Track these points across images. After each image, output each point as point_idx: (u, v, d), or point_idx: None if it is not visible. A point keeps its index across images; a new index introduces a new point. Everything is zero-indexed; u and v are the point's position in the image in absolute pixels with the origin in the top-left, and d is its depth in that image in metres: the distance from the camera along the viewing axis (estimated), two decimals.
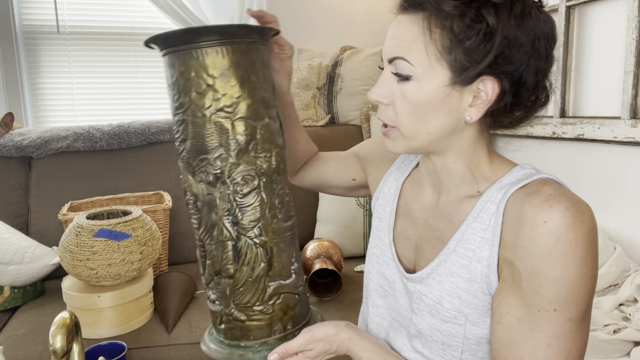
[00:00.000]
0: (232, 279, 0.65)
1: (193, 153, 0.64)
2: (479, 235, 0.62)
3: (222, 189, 0.64)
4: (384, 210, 0.78)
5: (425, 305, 0.66)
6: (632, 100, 1.40)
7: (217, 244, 0.65)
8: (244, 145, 0.63)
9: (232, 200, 0.64)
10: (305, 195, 2.00)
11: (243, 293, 0.65)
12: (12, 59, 2.16)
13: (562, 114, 1.65)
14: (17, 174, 1.84)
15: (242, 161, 0.63)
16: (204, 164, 0.64)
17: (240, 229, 0.64)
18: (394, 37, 0.61)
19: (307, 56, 2.42)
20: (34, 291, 1.59)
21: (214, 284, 0.67)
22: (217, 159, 0.63)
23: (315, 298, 1.54)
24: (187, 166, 0.66)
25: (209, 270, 0.67)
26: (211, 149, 0.63)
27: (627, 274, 1.36)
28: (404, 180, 0.77)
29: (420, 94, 0.60)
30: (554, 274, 0.54)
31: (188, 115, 0.63)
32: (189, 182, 0.66)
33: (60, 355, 0.78)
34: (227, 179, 0.63)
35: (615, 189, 1.51)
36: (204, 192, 0.64)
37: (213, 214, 0.64)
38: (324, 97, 2.32)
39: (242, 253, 0.64)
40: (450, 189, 0.68)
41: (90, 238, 1.31)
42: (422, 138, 0.63)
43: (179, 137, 0.66)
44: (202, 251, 0.68)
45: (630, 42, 1.39)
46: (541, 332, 0.55)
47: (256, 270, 0.64)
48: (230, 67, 0.62)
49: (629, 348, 1.14)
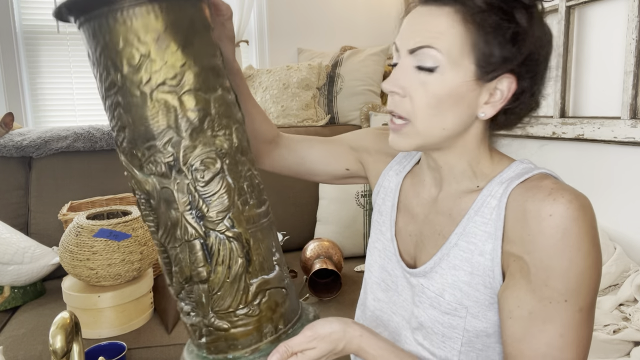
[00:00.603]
0: (206, 283, 0.56)
1: (136, 142, 0.54)
2: (481, 229, 0.62)
3: (179, 179, 0.54)
4: (385, 204, 0.78)
5: (427, 298, 0.66)
6: (632, 100, 1.40)
7: (183, 245, 0.55)
8: (197, 123, 0.54)
9: (193, 191, 0.54)
10: (305, 195, 2.00)
11: (222, 297, 0.56)
12: (12, 59, 2.16)
13: (562, 114, 1.65)
14: (17, 174, 1.84)
15: (199, 142, 0.54)
16: (151, 152, 0.54)
17: (208, 223, 0.55)
18: (419, 27, 0.60)
19: (307, 56, 2.42)
20: (34, 291, 1.59)
21: (186, 293, 0.58)
22: (168, 144, 0.53)
23: (315, 298, 1.54)
24: (132, 159, 0.55)
25: (177, 278, 0.57)
26: (158, 134, 0.53)
27: (627, 274, 1.36)
28: (405, 175, 0.77)
29: (442, 86, 0.59)
30: (563, 266, 0.55)
31: (123, 96, 0.53)
32: (137, 177, 0.56)
33: (60, 355, 0.78)
34: (183, 167, 0.54)
35: (615, 189, 1.51)
36: (157, 186, 0.55)
37: (172, 210, 0.55)
38: (324, 97, 2.32)
39: (213, 251, 0.55)
40: (450, 184, 0.68)
41: (90, 238, 1.31)
42: (436, 134, 0.62)
43: (115, 125, 0.55)
44: (166, 257, 0.58)
45: (630, 42, 1.39)
46: (554, 323, 0.56)
47: (233, 269, 0.56)
48: (167, 29, 0.52)
49: (629, 348, 1.14)
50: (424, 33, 0.59)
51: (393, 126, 0.64)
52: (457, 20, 0.58)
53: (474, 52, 0.58)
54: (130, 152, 0.55)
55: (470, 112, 0.62)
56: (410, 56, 0.60)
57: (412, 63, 0.60)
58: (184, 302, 0.59)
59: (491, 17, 0.57)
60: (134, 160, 0.55)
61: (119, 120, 0.55)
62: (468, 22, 0.57)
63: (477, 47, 0.58)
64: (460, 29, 0.58)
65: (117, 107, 0.54)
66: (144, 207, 0.57)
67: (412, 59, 0.60)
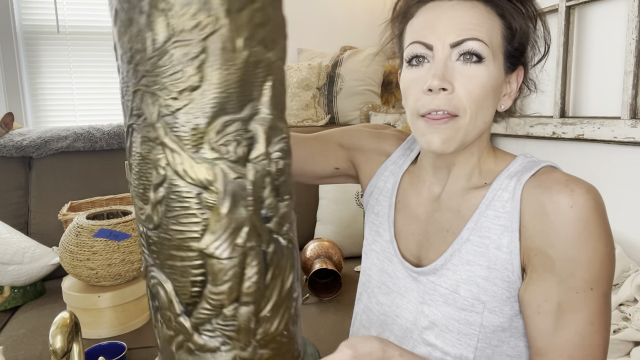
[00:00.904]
0: (255, 303, 0.44)
1: (209, 111, 0.41)
2: (495, 222, 0.62)
3: (260, 167, 0.42)
4: (381, 205, 0.76)
5: (440, 295, 0.65)
6: (632, 100, 1.40)
7: (243, 255, 0.43)
8: (281, 97, 0.44)
9: (268, 183, 0.43)
10: (305, 195, 2.00)
11: (270, 319, 0.45)
12: (12, 59, 2.16)
13: (562, 114, 1.65)
14: (17, 174, 1.84)
15: (280, 121, 0.43)
16: (229, 129, 0.41)
17: (275, 225, 0.44)
18: (456, 20, 0.59)
19: (307, 56, 2.42)
20: (34, 291, 1.59)
21: (223, 321, 0.44)
22: (250, 121, 0.41)
23: (315, 298, 1.54)
24: (191, 132, 0.41)
25: (219, 301, 0.43)
26: (240, 106, 0.41)
27: (627, 274, 1.36)
28: (402, 175, 0.76)
29: (489, 78, 0.59)
30: (588, 255, 0.56)
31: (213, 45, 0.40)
32: (186, 162, 0.41)
33: (60, 355, 0.78)
34: (267, 149, 0.43)
35: (615, 189, 1.51)
36: (227, 175, 0.41)
37: (241, 209, 0.42)
38: (324, 97, 2.32)
39: (273, 262, 0.45)
40: (456, 182, 0.68)
41: (90, 238, 1.31)
42: (479, 129, 0.62)
43: (179, 82, 0.40)
44: (199, 274, 0.43)
45: (630, 42, 1.38)
46: (582, 311, 0.57)
47: (287, 282, 0.46)
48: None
49: (629, 348, 1.14)
50: (465, 25, 0.58)
51: (435, 124, 0.60)
52: (487, 11, 0.59)
53: (503, 42, 0.60)
54: (193, 125, 0.41)
55: (497, 104, 0.63)
56: (453, 50, 0.59)
57: (455, 57, 0.59)
58: (206, 335, 0.44)
59: (511, 5, 0.60)
60: (193, 137, 0.41)
61: (187, 81, 0.40)
62: (494, 13, 0.60)
63: (506, 38, 0.60)
64: (493, 20, 0.59)
65: (194, 59, 0.39)
66: (186, 204, 0.42)
67: (455, 53, 0.59)
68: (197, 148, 0.41)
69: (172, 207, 0.43)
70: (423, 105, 0.60)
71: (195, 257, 0.43)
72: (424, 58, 0.61)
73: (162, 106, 0.41)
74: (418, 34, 0.61)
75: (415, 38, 0.61)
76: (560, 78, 1.63)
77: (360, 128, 0.84)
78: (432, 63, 0.60)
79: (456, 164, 0.67)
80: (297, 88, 2.23)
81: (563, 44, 1.62)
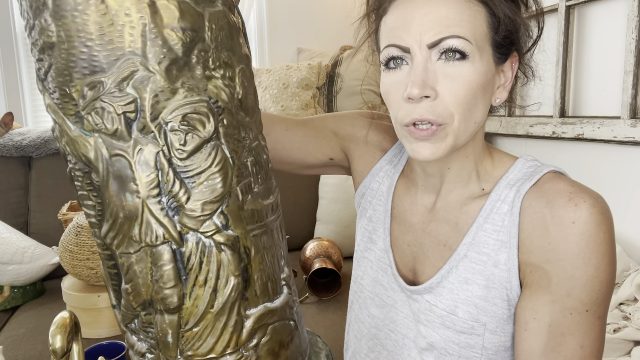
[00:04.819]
0: (176, 313, 0.36)
1: (71, 72, 0.32)
2: (493, 237, 0.57)
3: (144, 144, 0.34)
4: (375, 210, 0.71)
5: (437, 317, 0.60)
6: (632, 100, 1.40)
7: (142, 252, 0.36)
8: (180, 52, 0.33)
9: (165, 166, 0.35)
10: (305, 195, 2.00)
11: (200, 337, 0.37)
12: (12, 59, 2.16)
13: (562, 114, 1.65)
14: (17, 174, 1.84)
15: (181, 85, 0.34)
16: (97, 93, 0.32)
17: (187, 219, 0.36)
18: (430, 18, 0.52)
19: (307, 56, 2.42)
20: (34, 291, 1.59)
21: (141, 325, 0.38)
22: (127, 81, 0.32)
23: (315, 297, 1.54)
24: (63, 100, 0.33)
25: (128, 301, 0.37)
26: (110, 62, 0.31)
27: (627, 274, 1.36)
28: (397, 178, 0.69)
29: (476, 76, 0.52)
30: (588, 275, 0.52)
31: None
32: (70, 134, 0.34)
33: (60, 355, 0.78)
34: (151, 123, 0.34)
35: (615, 189, 1.51)
36: (105, 152, 0.34)
37: (127, 194, 0.35)
38: (324, 97, 2.32)
39: (193, 265, 0.36)
40: (451, 190, 0.62)
41: (90, 238, 1.31)
42: (470, 131, 0.55)
43: (36, 44, 0.33)
44: (112, 266, 0.38)
45: (630, 42, 1.38)
46: (574, 334, 0.53)
47: (222, 293, 0.37)
48: None
49: (629, 347, 1.14)
50: (443, 21, 0.51)
51: (423, 134, 0.54)
52: (467, 1, 0.52)
53: (489, 33, 0.53)
54: (61, 90, 0.33)
55: (490, 100, 0.57)
56: (432, 50, 0.52)
57: (435, 57, 0.53)
58: (136, 337, 0.39)
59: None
60: (66, 105, 0.34)
61: (42, 34, 0.32)
62: (476, 1, 0.53)
63: (492, 27, 0.53)
64: (475, 9, 0.52)
65: (42, 12, 0.31)
66: (80, 183, 0.37)
67: (435, 53, 0.52)
68: (72, 117, 0.34)
69: (76, 186, 0.37)
70: (406, 114, 0.54)
71: (103, 246, 0.38)
72: (402, 60, 0.55)
73: (38, 70, 0.34)
74: (392, 36, 0.54)
75: (390, 41, 0.55)
76: (560, 78, 1.63)
77: (357, 116, 0.76)
78: (411, 66, 0.54)
79: (451, 169, 0.61)
80: (297, 88, 2.23)
81: (563, 44, 1.62)
